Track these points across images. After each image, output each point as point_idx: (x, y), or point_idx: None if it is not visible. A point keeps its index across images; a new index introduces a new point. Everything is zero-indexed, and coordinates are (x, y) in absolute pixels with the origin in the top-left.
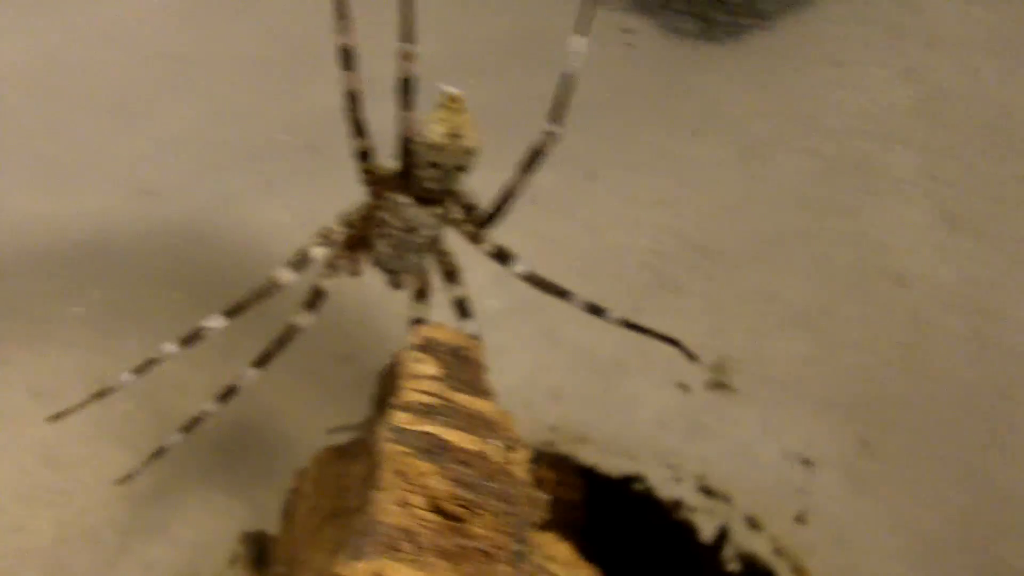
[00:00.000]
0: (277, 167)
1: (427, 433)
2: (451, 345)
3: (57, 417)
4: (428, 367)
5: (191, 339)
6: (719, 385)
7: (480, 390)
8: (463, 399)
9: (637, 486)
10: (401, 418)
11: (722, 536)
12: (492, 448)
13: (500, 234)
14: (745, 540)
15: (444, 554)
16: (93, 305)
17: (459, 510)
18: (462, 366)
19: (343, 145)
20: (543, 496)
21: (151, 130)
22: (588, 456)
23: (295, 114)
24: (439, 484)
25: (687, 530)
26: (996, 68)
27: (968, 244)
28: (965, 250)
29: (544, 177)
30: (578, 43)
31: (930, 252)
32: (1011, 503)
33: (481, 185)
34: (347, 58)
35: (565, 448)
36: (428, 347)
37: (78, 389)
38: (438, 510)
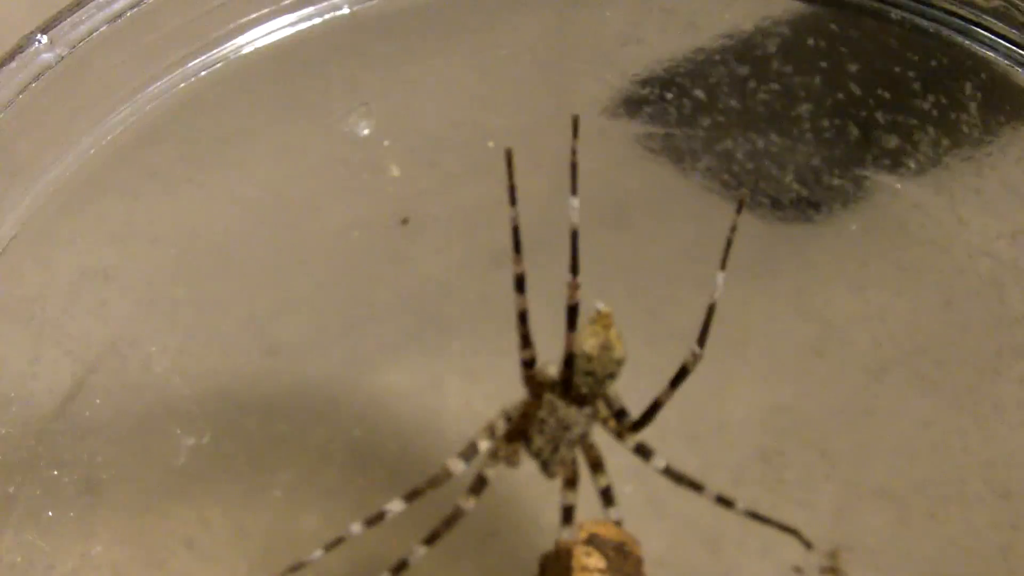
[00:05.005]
0: (390, 332)
1: None
2: (614, 541)
3: None
4: (596, 560)
5: (374, 520)
6: (831, 571)
7: None
8: None
9: None
10: None
11: None
12: None
13: None
14: None
15: None
16: (232, 458)
17: None
18: (625, 561)
19: (449, 314)
20: None
21: (275, 293)
22: None
23: (406, 284)
24: None
25: None
26: None
27: None
28: None
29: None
30: (720, 277)
31: None
32: None
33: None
34: (520, 283)
35: None
36: (594, 542)
37: (226, 541)
38: None
